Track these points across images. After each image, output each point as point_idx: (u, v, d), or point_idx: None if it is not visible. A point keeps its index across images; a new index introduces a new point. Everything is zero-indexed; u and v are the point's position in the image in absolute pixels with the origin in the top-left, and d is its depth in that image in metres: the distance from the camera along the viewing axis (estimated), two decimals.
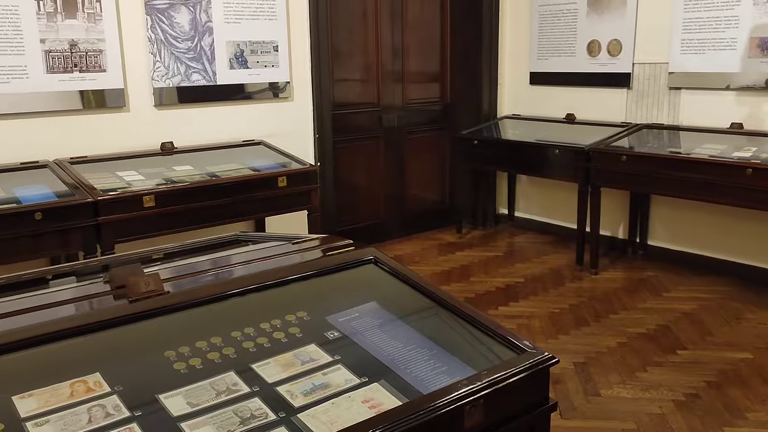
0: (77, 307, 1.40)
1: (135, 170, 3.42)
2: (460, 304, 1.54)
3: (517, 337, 1.40)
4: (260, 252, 1.73)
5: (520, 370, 1.30)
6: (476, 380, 1.27)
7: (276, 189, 3.49)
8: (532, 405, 1.36)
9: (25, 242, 2.79)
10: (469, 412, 1.23)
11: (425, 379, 1.33)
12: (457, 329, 1.51)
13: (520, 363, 1.32)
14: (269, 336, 1.44)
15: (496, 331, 1.44)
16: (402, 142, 5.13)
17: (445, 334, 1.49)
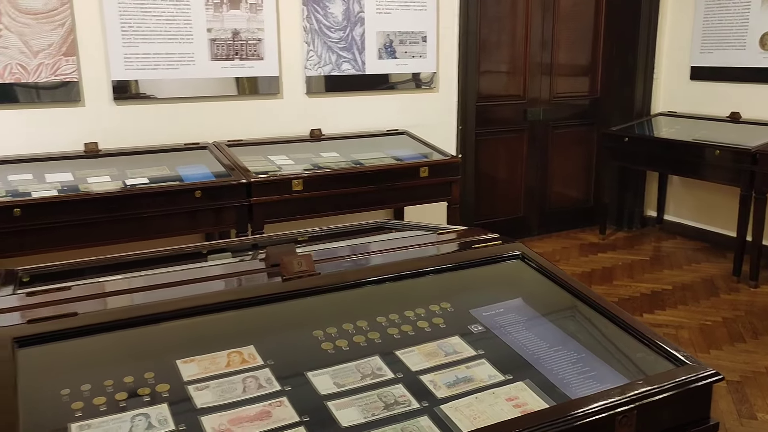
0: (235, 282, 1.48)
1: (285, 155, 3.57)
2: (611, 307, 1.46)
3: (675, 348, 1.30)
4: (406, 240, 1.74)
5: (679, 383, 1.21)
6: (630, 390, 1.19)
7: (417, 179, 3.50)
8: (689, 423, 1.26)
9: (184, 218, 3.00)
10: (621, 423, 1.16)
11: (572, 383, 1.28)
12: (608, 333, 1.43)
13: (679, 376, 1.23)
14: (413, 324, 1.44)
15: (651, 338, 1.35)
16: (546, 137, 4.98)
17: (595, 338, 1.42)
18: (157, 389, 1.18)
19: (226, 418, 1.13)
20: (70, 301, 1.32)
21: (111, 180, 2.98)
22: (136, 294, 1.37)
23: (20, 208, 2.62)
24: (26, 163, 3.06)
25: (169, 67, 3.39)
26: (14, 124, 3.13)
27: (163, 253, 1.89)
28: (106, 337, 1.25)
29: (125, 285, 1.42)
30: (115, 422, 1.10)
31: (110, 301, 1.34)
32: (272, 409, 1.16)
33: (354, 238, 2.12)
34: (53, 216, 2.70)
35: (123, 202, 2.84)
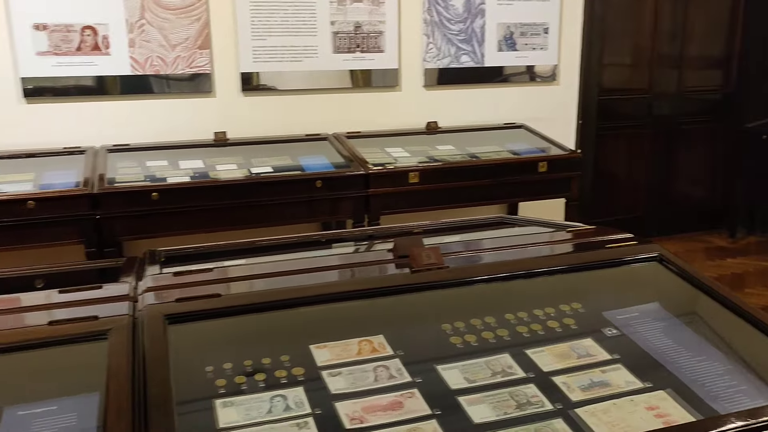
0: (364, 271, 1.50)
1: (401, 147, 3.59)
2: (763, 316, 1.36)
3: None
4: (534, 237, 1.70)
5: None
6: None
7: (535, 174, 3.42)
8: None
9: (303, 206, 3.08)
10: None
11: (719, 395, 1.20)
12: (760, 346, 1.33)
13: None
14: (543, 324, 1.41)
15: None
16: (672, 133, 4.72)
17: (744, 349, 1.32)
18: (293, 372, 1.22)
19: (359, 406, 1.15)
20: (212, 283, 1.38)
21: (237, 168, 3.12)
22: (272, 278, 1.42)
23: (158, 192, 2.79)
24: (162, 150, 3.25)
25: (293, 60, 3.49)
26: (152, 113, 3.33)
27: (289, 240, 1.95)
28: (246, 318, 1.30)
29: (262, 269, 1.47)
30: (256, 401, 1.14)
31: (248, 284, 1.39)
32: (404, 399, 1.17)
33: (473, 232, 2.10)
34: (186, 201, 2.85)
35: (248, 189, 2.96)
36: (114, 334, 1.17)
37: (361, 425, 1.10)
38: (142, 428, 1.01)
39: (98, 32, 3.14)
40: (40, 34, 3.06)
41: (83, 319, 1.22)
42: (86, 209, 2.70)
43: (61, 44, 3.10)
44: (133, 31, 3.18)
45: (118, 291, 1.36)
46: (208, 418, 1.08)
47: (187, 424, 1.05)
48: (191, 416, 1.08)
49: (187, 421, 1.06)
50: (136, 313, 1.27)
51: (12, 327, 1.26)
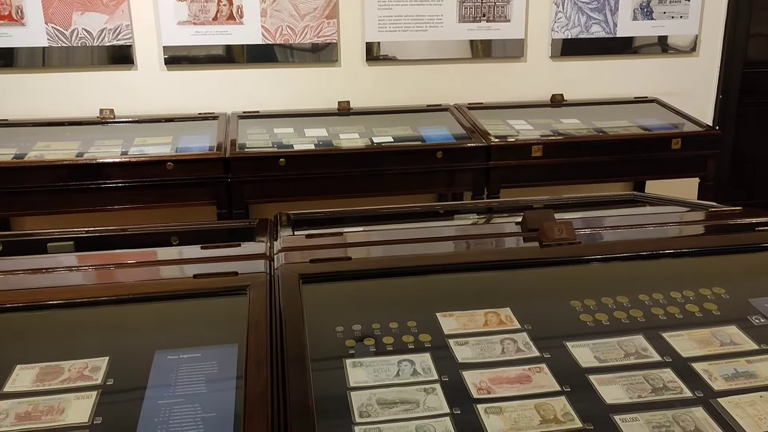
0: (493, 243, 1.48)
1: (524, 120, 3.50)
2: None
3: None
4: (671, 216, 1.61)
5: None
6: None
7: (668, 151, 3.23)
8: None
9: (423, 177, 3.08)
10: None
11: None
12: None
13: None
14: (681, 307, 1.33)
15: None
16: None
17: None
18: (420, 338, 1.23)
19: (486, 376, 1.14)
20: (343, 246, 1.42)
21: (359, 137, 3.16)
22: (400, 245, 1.44)
23: (285, 158, 2.89)
24: (288, 118, 3.35)
25: (418, 29, 3.47)
26: (279, 82, 3.44)
27: (414, 209, 1.96)
28: (375, 282, 1.33)
29: (390, 236, 1.49)
30: (384, 364, 1.16)
31: (377, 249, 1.42)
32: (532, 374, 1.15)
33: (604, 209, 2.02)
34: (310, 168, 2.94)
35: (369, 158, 3.00)
36: (253, 290, 1.22)
37: (488, 395, 1.10)
38: (279, 380, 1.05)
39: (233, 2, 3.26)
40: (181, 5, 3.22)
41: (224, 275, 1.29)
42: (219, 172, 2.84)
43: (199, 14, 3.25)
44: (265, 1, 3.28)
45: (255, 250, 1.43)
46: (339, 376, 1.12)
47: (320, 380, 1.08)
48: (324, 373, 1.12)
49: (321, 377, 1.10)
50: (273, 271, 1.33)
51: (159, 278, 1.36)
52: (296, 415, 0.98)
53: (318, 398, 1.03)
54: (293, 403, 0.99)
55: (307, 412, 0.99)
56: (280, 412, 1.00)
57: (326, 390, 1.08)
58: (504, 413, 1.06)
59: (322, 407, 1.02)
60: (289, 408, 0.99)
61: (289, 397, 1.00)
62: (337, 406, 1.06)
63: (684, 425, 1.04)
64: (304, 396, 1.01)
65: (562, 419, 1.05)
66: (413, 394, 1.10)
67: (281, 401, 1.01)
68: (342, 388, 1.09)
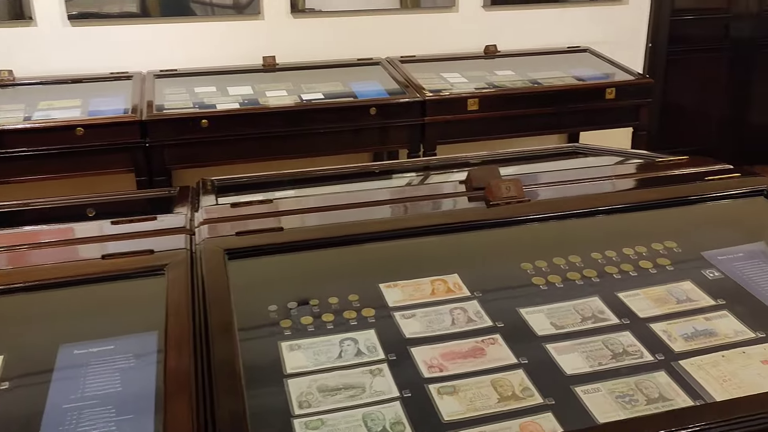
0: (436, 205, 1.37)
1: (458, 72, 3.39)
2: None
3: None
4: (621, 168, 1.54)
5: None
6: None
7: (602, 101, 3.19)
8: None
9: (356, 135, 2.94)
10: None
11: None
12: None
13: None
14: (635, 264, 1.27)
15: None
16: (751, 58, 4.36)
17: None
18: (363, 313, 1.12)
19: (437, 352, 1.04)
20: (272, 215, 1.28)
21: (287, 94, 2.98)
22: (335, 212, 1.31)
23: (207, 119, 2.68)
24: (210, 76, 3.12)
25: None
26: (198, 37, 3.19)
27: (348, 170, 1.83)
28: (310, 254, 1.20)
29: (323, 202, 1.36)
30: (324, 344, 1.05)
31: (311, 217, 1.29)
32: (486, 346, 1.06)
33: (547, 162, 1.95)
34: (235, 128, 2.74)
35: (298, 117, 2.83)
36: (171, 270, 1.08)
37: (441, 374, 1.00)
38: (204, 370, 0.92)
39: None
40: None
41: (138, 253, 1.14)
42: (135, 137, 2.62)
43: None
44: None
45: (173, 223, 1.27)
46: (274, 362, 1.00)
47: (252, 368, 0.96)
48: (256, 359, 1.00)
49: (252, 363, 0.97)
50: (194, 247, 1.18)
51: (64, 260, 1.19)
52: (226, 411, 0.86)
53: (250, 389, 0.91)
54: (221, 396, 0.87)
55: (238, 407, 0.86)
56: (206, 410, 0.87)
57: (259, 379, 0.96)
58: (459, 393, 0.97)
59: (255, 400, 0.90)
60: (217, 405, 0.86)
61: (216, 391, 0.88)
62: (273, 396, 0.94)
63: (648, 392, 0.98)
64: (234, 388, 0.89)
65: (521, 395, 0.97)
66: (358, 377, 0.99)
67: (207, 397, 0.89)
68: (278, 376, 0.98)
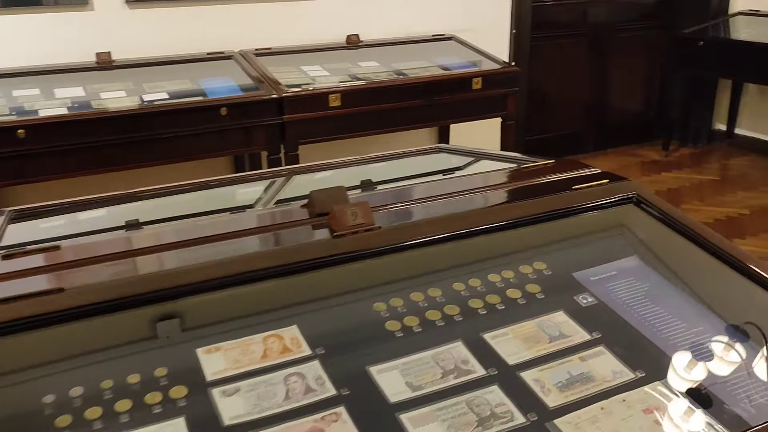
0: (271, 239, 1.14)
1: (319, 65, 3.17)
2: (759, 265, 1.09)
3: None
4: (483, 178, 1.38)
5: None
6: None
7: (469, 91, 3.08)
8: None
9: (209, 138, 2.63)
10: None
11: (735, 390, 0.94)
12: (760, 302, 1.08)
13: None
14: (501, 293, 1.11)
15: None
16: (609, 41, 4.44)
17: (753, 318, 1.07)
18: (171, 394, 0.88)
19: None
20: (57, 268, 1.00)
21: (127, 95, 2.64)
22: (143, 257, 1.05)
23: (25, 129, 2.30)
24: (32, 77, 2.71)
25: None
26: (18, 32, 2.76)
27: (175, 188, 1.55)
28: (102, 320, 0.94)
29: (127, 243, 1.09)
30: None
31: (108, 267, 1.02)
32: (326, 426, 0.85)
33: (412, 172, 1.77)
34: (63, 138, 2.37)
35: (140, 121, 2.50)
36: None
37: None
38: None
39: None
40: None
41: None
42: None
43: None
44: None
45: None
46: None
47: None
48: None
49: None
50: None
51: None
52: None
53: None
54: None
55: None
56: None
57: None
58: None
59: None
60: None
61: None
62: None
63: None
64: None
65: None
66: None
67: None
68: None
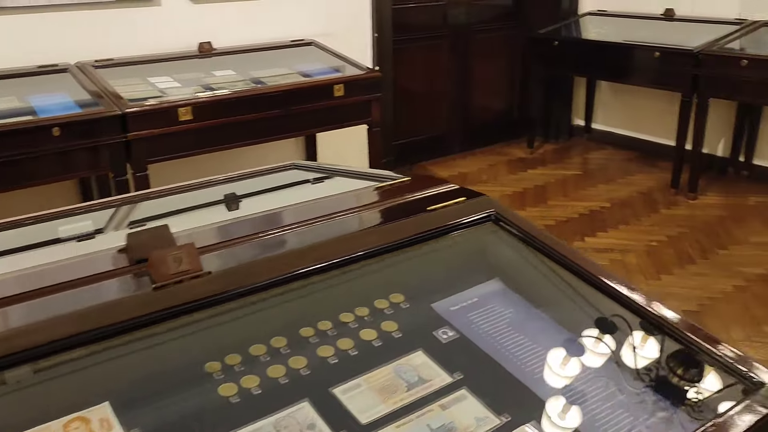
0: (79, 296, 0.96)
1: (169, 75, 2.94)
2: (643, 298, 1.04)
3: (745, 360, 0.91)
4: (332, 203, 1.25)
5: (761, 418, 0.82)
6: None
7: (332, 99, 2.96)
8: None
9: (44, 162, 2.35)
10: None
11: (601, 418, 0.87)
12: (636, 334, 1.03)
13: (756, 404, 0.84)
14: (354, 336, 0.99)
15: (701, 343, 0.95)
16: (469, 42, 4.48)
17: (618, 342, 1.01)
18: None
19: None
20: None
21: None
22: None
23: None
24: None
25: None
26: None
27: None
28: None
29: None
30: None
31: None
32: None
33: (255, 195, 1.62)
34: None
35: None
36: None
37: None
38: None
39: None
40: None
41: None
42: None
43: None
44: None
45: None
46: None
47: None
48: None
49: None
50: None
51: None
52: None
53: None
54: None
55: None
56: None
57: None
58: None
59: None
60: None
61: None
62: None
63: None
64: None
65: None
66: None
67: None
68: None
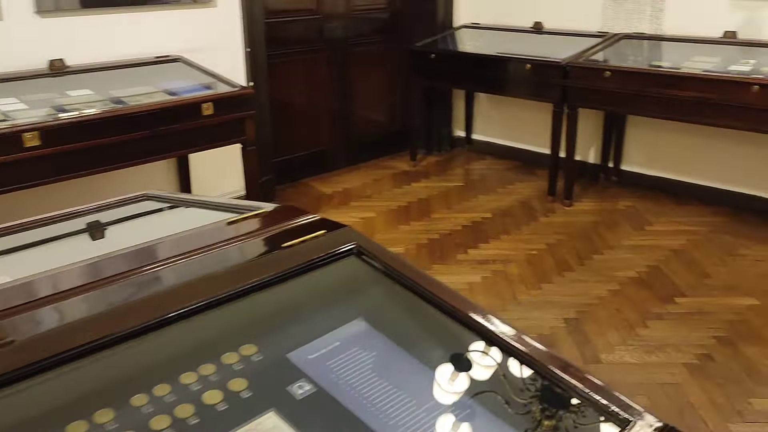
0: None
1: (15, 96, 2.68)
2: (510, 333, 0.98)
3: (615, 398, 0.86)
4: (182, 242, 1.12)
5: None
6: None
7: (201, 118, 2.80)
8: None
9: None
10: None
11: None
12: (510, 376, 0.97)
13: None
14: (196, 401, 0.86)
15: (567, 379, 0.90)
16: (347, 56, 4.42)
17: (491, 384, 0.94)
18: None
19: None
20: None
21: None
22: None
23: None
24: None
25: None
26: None
27: None
28: None
29: None
30: None
31: None
32: None
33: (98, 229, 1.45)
34: None
35: None
36: None
37: None
38: None
39: None
40: None
41: None
42: None
43: None
44: None
45: None
46: None
47: None
48: None
49: None
50: None
51: None
52: None
53: None
54: None
55: None
56: None
57: None
58: None
59: None
60: None
61: None
62: None
63: None
64: None
65: None
66: None
67: None
68: None
